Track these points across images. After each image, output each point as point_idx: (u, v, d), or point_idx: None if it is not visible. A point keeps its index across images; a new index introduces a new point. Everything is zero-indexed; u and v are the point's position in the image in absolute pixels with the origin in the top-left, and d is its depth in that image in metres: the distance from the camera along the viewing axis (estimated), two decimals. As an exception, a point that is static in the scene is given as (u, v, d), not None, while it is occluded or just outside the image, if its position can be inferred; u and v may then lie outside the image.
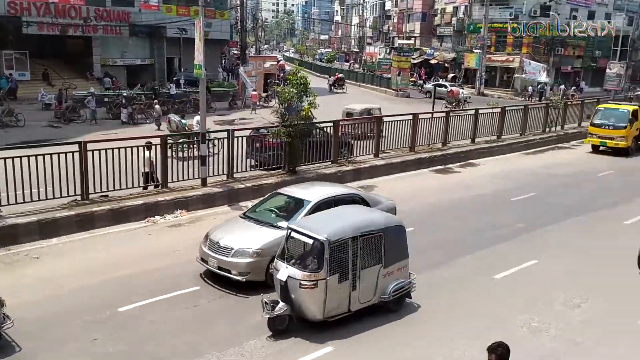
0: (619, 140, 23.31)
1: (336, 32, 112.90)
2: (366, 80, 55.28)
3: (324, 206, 10.48)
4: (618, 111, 24.13)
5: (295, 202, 10.97)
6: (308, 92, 16.79)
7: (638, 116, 23.62)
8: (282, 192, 11.66)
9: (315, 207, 10.45)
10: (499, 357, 4.94)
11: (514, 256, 11.99)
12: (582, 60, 58.40)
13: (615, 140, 23.36)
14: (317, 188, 11.81)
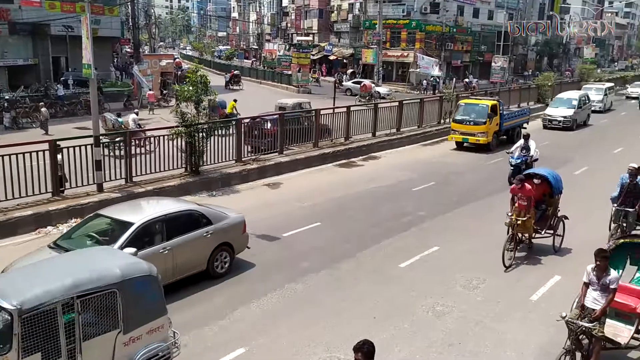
0: (480, 136, 23.05)
1: (234, 28, 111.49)
2: (267, 78, 55.09)
3: (153, 227, 9.41)
4: (478, 106, 23.71)
5: (118, 225, 9.41)
6: (209, 90, 16.44)
7: (497, 111, 23.55)
8: (102, 213, 10.03)
9: (140, 229, 9.14)
10: (365, 355, 5.00)
11: (417, 244, 12.46)
12: (470, 54, 61.94)
13: (477, 136, 23.10)
14: (148, 206, 10.48)
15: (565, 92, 34.50)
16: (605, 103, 38.49)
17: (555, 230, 12.09)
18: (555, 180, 12.04)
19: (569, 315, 7.25)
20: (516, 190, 11.52)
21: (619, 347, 7.58)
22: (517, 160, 17.03)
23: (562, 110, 30.37)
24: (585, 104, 32.22)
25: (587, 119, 32.36)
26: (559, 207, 12.27)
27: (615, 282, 7.24)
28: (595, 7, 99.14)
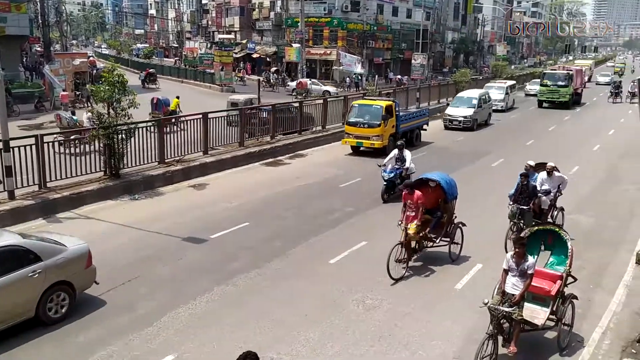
0: (375, 140, 21.39)
1: (152, 26, 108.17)
2: (189, 76, 53.83)
3: None
4: (372, 108, 22.07)
5: None
6: (127, 90, 15.84)
7: (393, 112, 22.11)
8: None
9: None
10: None
11: (346, 239, 12.59)
12: (391, 52, 63.43)
13: (371, 139, 21.43)
14: None
15: (465, 91, 33.66)
16: (507, 102, 37.92)
17: (452, 239, 11.45)
18: (449, 185, 11.34)
19: (491, 302, 7.56)
20: (406, 197, 10.90)
21: (536, 328, 8.00)
22: (390, 174, 15.29)
23: (463, 110, 29.31)
24: (486, 102, 31.44)
25: (489, 118, 31.69)
26: (455, 213, 11.69)
27: (532, 267, 7.64)
28: (505, 6, 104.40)
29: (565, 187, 12.81)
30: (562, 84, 38.60)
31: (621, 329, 8.83)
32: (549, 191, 12.48)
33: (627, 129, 29.15)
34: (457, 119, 28.90)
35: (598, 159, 22.28)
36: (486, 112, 31.31)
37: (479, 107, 29.75)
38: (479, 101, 29.92)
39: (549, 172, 12.55)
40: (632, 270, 11.06)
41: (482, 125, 30.26)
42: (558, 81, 38.86)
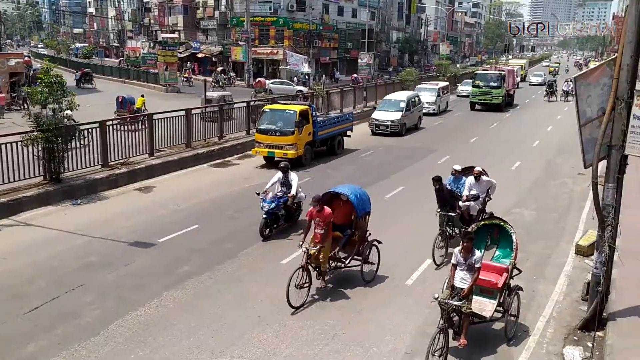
0: (288, 149, 19.11)
1: (91, 25, 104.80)
2: (132, 76, 52.45)
3: None
4: (285, 113, 19.71)
5: None
6: (65, 91, 15.27)
7: (309, 117, 20.03)
8: None
9: None
10: None
11: (297, 239, 12.52)
12: (337, 51, 63.84)
13: (284, 149, 19.15)
14: None
15: (393, 94, 31.33)
16: (439, 104, 35.67)
17: (365, 258, 10.26)
18: (359, 200, 10.12)
19: (440, 296, 7.71)
20: (314, 214, 9.59)
21: (484, 320, 8.22)
22: (270, 204, 12.42)
23: (390, 114, 27.23)
24: (416, 105, 29.27)
25: (419, 122, 29.71)
26: (368, 230, 10.54)
27: (479, 261, 7.84)
28: (447, 7, 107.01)
29: (494, 192, 12.35)
30: (495, 84, 37.03)
31: (563, 317, 9.21)
32: (478, 196, 11.97)
33: (564, 126, 30.39)
34: (384, 124, 26.90)
35: (538, 154, 23.13)
36: (416, 116, 29.32)
37: (408, 111, 27.89)
38: (407, 104, 27.95)
39: (476, 177, 12.06)
40: (572, 261, 11.56)
41: (411, 130, 28.57)
42: (490, 82, 37.22)
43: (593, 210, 12.83)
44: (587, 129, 8.15)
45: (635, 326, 8.35)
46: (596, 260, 8.50)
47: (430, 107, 34.07)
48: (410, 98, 28.92)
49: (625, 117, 7.73)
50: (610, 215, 7.99)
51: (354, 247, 10.28)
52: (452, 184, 12.25)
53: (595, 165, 7.95)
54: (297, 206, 13.16)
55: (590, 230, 12.29)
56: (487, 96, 37.25)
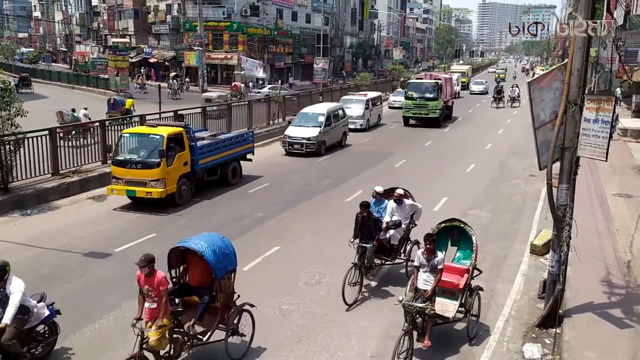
0: (153, 186, 14.61)
1: (37, 29, 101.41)
2: (80, 82, 51.03)
3: None
4: (148, 138, 15.24)
5: None
6: (12, 97, 14.70)
7: (184, 142, 15.53)
8: None
9: None
10: None
11: (258, 245, 12.46)
12: (292, 56, 63.92)
13: (149, 185, 14.67)
14: None
15: (311, 106, 26.92)
16: (368, 118, 30.81)
17: (234, 329, 8.00)
18: (219, 257, 7.70)
19: (404, 299, 7.79)
20: (142, 280, 7.41)
21: (447, 321, 8.35)
22: None
23: (306, 130, 23.14)
24: (339, 120, 25.09)
25: (343, 138, 25.54)
26: (236, 292, 8.26)
27: (441, 262, 7.96)
28: (399, 12, 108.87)
29: (419, 217, 10.72)
30: (431, 96, 31.68)
31: (521, 315, 9.45)
32: (399, 223, 10.40)
33: (514, 129, 31.32)
34: (299, 142, 22.60)
35: (491, 156, 23.75)
36: (339, 132, 25.16)
37: (328, 126, 23.75)
38: (327, 118, 23.76)
39: (397, 200, 10.46)
40: (527, 260, 11.88)
41: (334, 148, 24.34)
42: (425, 93, 31.85)
43: (545, 210, 13.31)
44: (541, 131, 8.42)
45: (590, 322, 8.65)
46: (552, 259, 8.78)
47: (357, 121, 29.58)
48: (331, 111, 24.64)
49: (577, 120, 8.02)
50: (568, 215, 8.25)
51: (216, 317, 7.79)
52: (373, 207, 10.52)
53: (550, 167, 8.21)
54: (36, 334, 7.77)
55: (544, 230, 12.69)
56: (422, 109, 31.96)
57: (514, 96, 44.11)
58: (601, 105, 7.77)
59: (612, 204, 14.99)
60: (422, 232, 8.35)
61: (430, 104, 31.74)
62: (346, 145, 25.85)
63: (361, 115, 30.14)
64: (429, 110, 31.81)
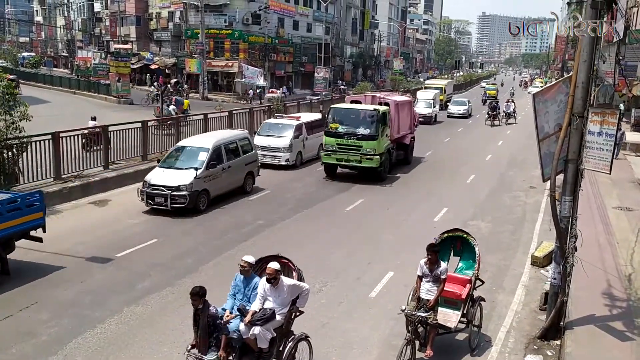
0: None
1: (39, 34, 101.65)
2: (82, 87, 51.09)
3: None
4: None
5: None
6: (17, 101, 14.75)
7: None
8: None
9: None
10: None
11: (259, 253, 12.37)
12: (292, 65, 64.14)
13: None
14: None
15: (195, 137, 18.44)
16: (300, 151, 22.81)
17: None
18: None
19: (407, 308, 7.81)
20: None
21: (449, 331, 8.36)
22: None
23: (174, 175, 15.56)
24: (238, 156, 17.49)
25: (248, 182, 17.91)
26: None
27: (445, 272, 7.98)
28: (400, 23, 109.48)
29: (304, 303, 7.50)
30: (366, 132, 19.68)
31: (523, 326, 9.47)
32: (272, 314, 7.04)
33: (513, 141, 31.44)
34: (162, 193, 15.17)
35: (490, 167, 23.81)
36: (239, 174, 17.52)
37: (215, 167, 16.22)
38: (213, 156, 16.26)
39: (270, 279, 7.13)
40: (528, 272, 11.92)
41: (229, 198, 16.92)
42: (358, 126, 19.98)
43: (546, 221, 13.37)
44: (545, 143, 8.48)
45: (592, 334, 8.66)
46: (554, 271, 8.80)
47: (282, 155, 21.86)
48: (225, 144, 16.97)
49: (583, 132, 8.08)
50: (575, 227, 8.28)
51: None
52: (239, 286, 7.68)
53: (553, 179, 8.26)
54: None
55: (545, 242, 12.73)
56: (351, 154, 19.71)
57: (509, 112, 40.82)
58: (605, 118, 7.83)
59: (612, 217, 15.04)
60: (425, 243, 8.36)
61: (365, 145, 19.42)
62: (255, 190, 18.06)
63: (288, 147, 21.95)
64: (362, 155, 19.50)
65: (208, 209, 15.72)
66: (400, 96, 26.16)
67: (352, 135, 19.71)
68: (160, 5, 65.11)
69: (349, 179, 20.35)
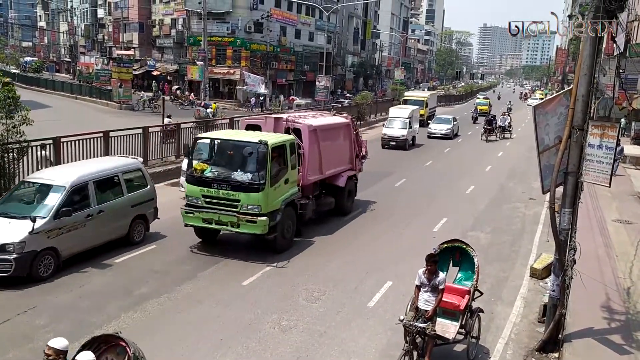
0: None
1: (42, 39, 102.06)
2: (84, 93, 51.21)
3: None
4: None
5: None
6: (18, 106, 14.74)
7: None
8: None
9: None
10: None
11: (258, 260, 12.45)
12: (294, 73, 64.35)
13: None
14: None
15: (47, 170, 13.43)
16: None
17: None
18: None
19: (405, 319, 7.79)
20: None
21: (447, 342, 8.33)
22: None
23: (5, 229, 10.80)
24: (121, 195, 12.84)
25: (136, 229, 13.06)
26: None
27: (443, 282, 7.97)
28: (401, 33, 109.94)
29: None
30: (246, 179, 12.45)
31: (521, 338, 9.44)
32: None
33: (512, 153, 31.48)
34: None
35: (490, 178, 23.82)
36: (118, 219, 12.76)
37: (70, 215, 11.33)
38: (70, 200, 11.49)
39: None
40: (527, 283, 11.90)
41: (112, 250, 12.66)
42: (236, 169, 12.84)
43: (545, 233, 13.37)
44: (545, 156, 8.50)
45: (590, 347, 8.64)
46: (553, 283, 8.79)
47: None
48: (96, 179, 12.25)
49: (583, 145, 8.11)
50: (574, 239, 8.29)
51: None
52: None
53: (553, 191, 8.27)
54: None
55: (544, 254, 12.73)
56: (224, 212, 12.51)
57: (504, 125, 38.28)
58: (605, 131, 7.86)
59: (612, 230, 15.05)
60: (424, 253, 8.36)
61: (244, 200, 12.40)
62: (149, 239, 13.58)
63: None
64: (239, 215, 12.39)
65: (57, 275, 10.97)
66: (327, 118, 17.74)
67: (224, 182, 12.43)
68: (163, 12, 65.43)
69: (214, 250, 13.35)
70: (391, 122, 32.39)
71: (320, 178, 15.49)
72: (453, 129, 37.48)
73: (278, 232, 12.80)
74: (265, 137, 13.08)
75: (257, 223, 12.23)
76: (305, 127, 14.72)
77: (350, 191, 17.04)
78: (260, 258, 12.60)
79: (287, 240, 13.33)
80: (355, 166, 17.44)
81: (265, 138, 12.79)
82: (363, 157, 18.48)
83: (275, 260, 12.45)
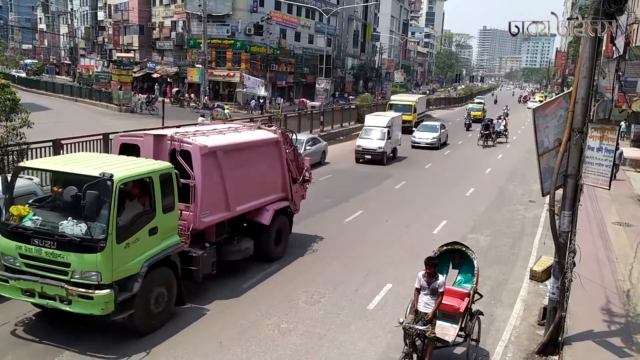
0: None
1: (42, 41, 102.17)
2: (84, 95, 51.23)
3: None
4: None
5: None
6: (18, 108, 14.73)
7: None
8: None
9: None
10: None
11: (257, 262, 12.43)
12: (294, 76, 64.40)
13: None
14: None
15: None
16: None
17: None
18: None
19: (405, 321, 7.78)
20: None
21: (447, 344, 8.32)
22: None
23: None
24: None
25: None
26: None
27: (442, 285, 7.96)
28: (401, 36, 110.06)
29: None
30: (79, 232, 8.21)
31: (521, 341, 9.43)
32: None
33: (513, 155, 31.47)
34: None
35: (490, 181, 23.81)
36: None
37: None
38: None
39: None
40: (527, 286, 11.89)
41: None
42: (67, 216, 8.44)
43: (544, 236, 13.36)
44: (545, 158, 8.50)
45: (589, 350, 8.63)
46: (553, 286, 8.79)
47: None
48: None
49: (580, 148, 8.11)
50: (573, 241, 8.29)
51: None
52: None
53: (553, 194, 8.27)
54: None
55: (544, 256, 12.72)
56: (48, 281, 8.25)
57: (499, 130, 36.87)
58: (605, 134, 7.87)
59: (611, 232, 15.04)
60: (424, 255, 8.35)
61: (75, 264, 8.18)
62: None
63: None
64: (67, 287, 8.12)
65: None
66: (242, 134, 12.53)
67: (47, 237, 8.40)
68: (163, 15, 65.48)
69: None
70: (367, 131, 27.24)
71: (228, 217, 11.40)
72: (440, 137, 33.64)
73: (137, 309, 8.61)
74: (116, 167, 8.77)
75: (94, 300, 8.08)
76: (196, 149, 10.37)
77: (280, 230, 12.97)
78: (260, 260, 12.58)
79: (158, 315, 9.14)
80: (290, 195, 13.51)
81: (113, 169, 8.51)
82: (306, 180, 14.58)
83: (275, 263, 12.45)
